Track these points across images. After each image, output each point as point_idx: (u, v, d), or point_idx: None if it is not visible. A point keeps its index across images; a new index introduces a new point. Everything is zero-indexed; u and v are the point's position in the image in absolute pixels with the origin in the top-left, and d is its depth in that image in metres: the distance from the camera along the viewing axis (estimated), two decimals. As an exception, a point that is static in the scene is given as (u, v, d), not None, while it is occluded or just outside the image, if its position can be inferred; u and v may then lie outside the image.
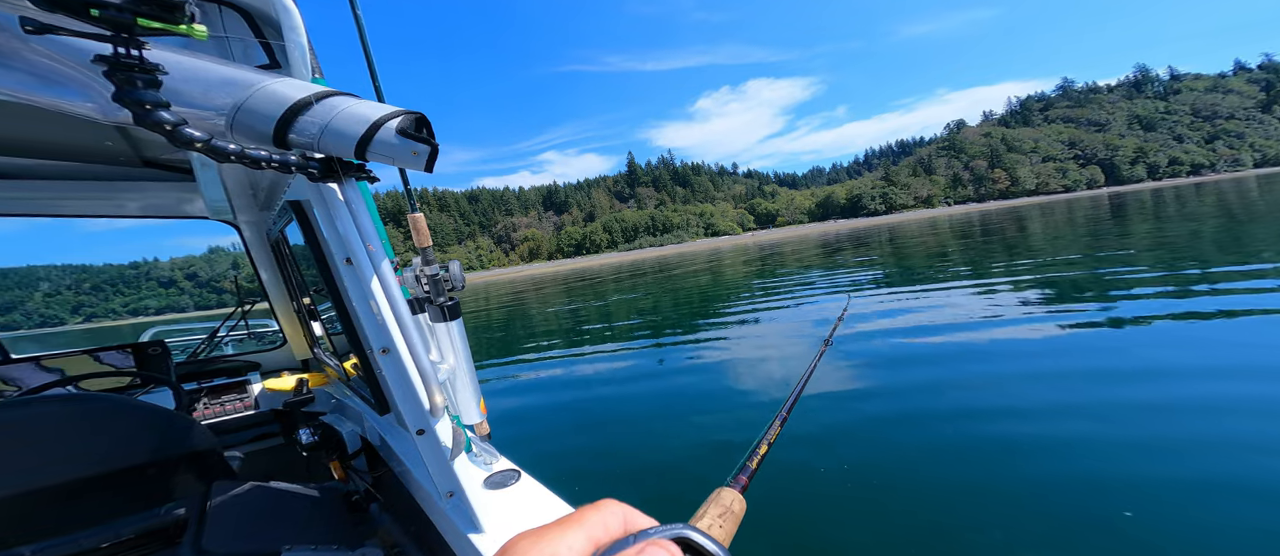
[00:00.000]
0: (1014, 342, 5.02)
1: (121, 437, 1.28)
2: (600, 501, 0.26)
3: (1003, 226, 27.43)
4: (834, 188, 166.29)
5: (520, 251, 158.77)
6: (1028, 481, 2.62)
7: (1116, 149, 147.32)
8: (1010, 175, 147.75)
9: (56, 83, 0.61)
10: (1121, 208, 31.21)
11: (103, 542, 1.26)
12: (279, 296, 2.45)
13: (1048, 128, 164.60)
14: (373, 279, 0.87)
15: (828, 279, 13.24)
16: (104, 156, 1.72)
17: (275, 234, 1.86)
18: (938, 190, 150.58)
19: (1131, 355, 4.20)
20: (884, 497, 2.64)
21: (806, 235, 75.94)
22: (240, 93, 0.67)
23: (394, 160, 0.70)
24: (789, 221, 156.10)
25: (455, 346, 0.95)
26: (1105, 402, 3.38)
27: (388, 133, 0.68)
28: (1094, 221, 21.85)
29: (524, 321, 13.84)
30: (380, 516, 1.51)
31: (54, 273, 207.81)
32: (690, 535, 0.25)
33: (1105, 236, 14.81)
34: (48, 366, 2.02)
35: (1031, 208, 64.26)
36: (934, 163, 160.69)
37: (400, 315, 0.85)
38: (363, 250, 0.85)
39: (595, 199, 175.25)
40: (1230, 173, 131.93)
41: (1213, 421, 2.97)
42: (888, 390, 4.11)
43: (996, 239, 19.25)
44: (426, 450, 0.95)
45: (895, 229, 48.35)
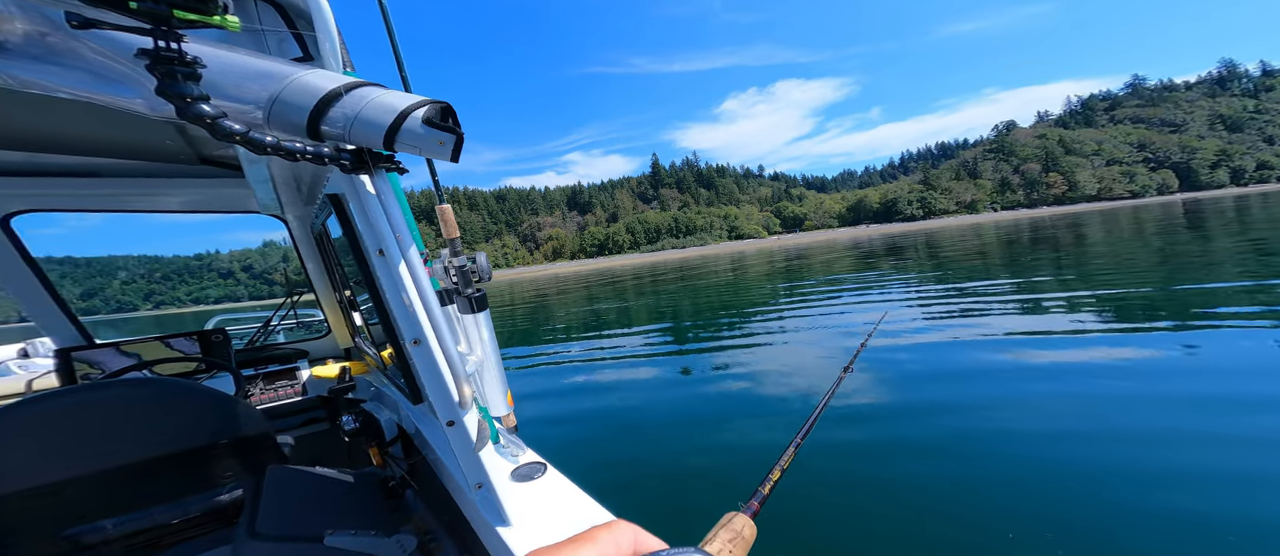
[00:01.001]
0: (1085, 365, 4.47)
1: (189, 420, 1.37)
2: (612, 521, 0.26)
3: (1057, 234, 25.46)
4: (866, 191, 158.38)
5: (544, 250, 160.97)
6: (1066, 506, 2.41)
7: (1194, 151, 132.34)
8: (1067, 179, 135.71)
9: (110, 80, 0.65)
10: (1198, 214, 28.52)
11: (172, 519, 1.37)
12: (323, 287, 2.56)
13: (1114, 129, 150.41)
14: (403, 270, 0.89)
15: (859, 286, 12.45)
16: (166, 155, 1.88)
17: (318, 227, 1.95)
18: (983, 194, 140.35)
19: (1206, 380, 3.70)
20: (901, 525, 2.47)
21: (835, 240, 73.15)
22: (275, 85, 0.70)
23: (421, 150, 0.72)
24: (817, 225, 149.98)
25: (483, 338, 0.96)
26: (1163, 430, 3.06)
27: (414, 122, 0.69)
28: (1166, 230, 19.71)
29: (547, 319, 13.86)
30: (414, 503, 1.55)
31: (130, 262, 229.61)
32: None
33: (1178, 246, 13.19)
34: (127, 351, 2.18)
35: (1091, 214, 59.40)
36: (980, 166, 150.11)
37: (429, 306, 0.86)
38: (393, 242, 0.87)
39: (619, 200, 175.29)
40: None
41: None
42: (914, 410, 3.84)
43: (1045, 248, 17.50)
44: (456, 441, 0.97)
45: (933, 234, 45.90)
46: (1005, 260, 14.73)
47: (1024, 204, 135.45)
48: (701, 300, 13.96)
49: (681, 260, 62.56)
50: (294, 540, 1.16)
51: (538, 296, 23.66)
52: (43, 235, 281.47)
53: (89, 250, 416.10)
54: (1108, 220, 35.48)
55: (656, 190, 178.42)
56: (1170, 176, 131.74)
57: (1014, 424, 3.33)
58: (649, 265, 55.35)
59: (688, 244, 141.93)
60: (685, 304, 13.53)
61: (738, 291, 15.21)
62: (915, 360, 5.16)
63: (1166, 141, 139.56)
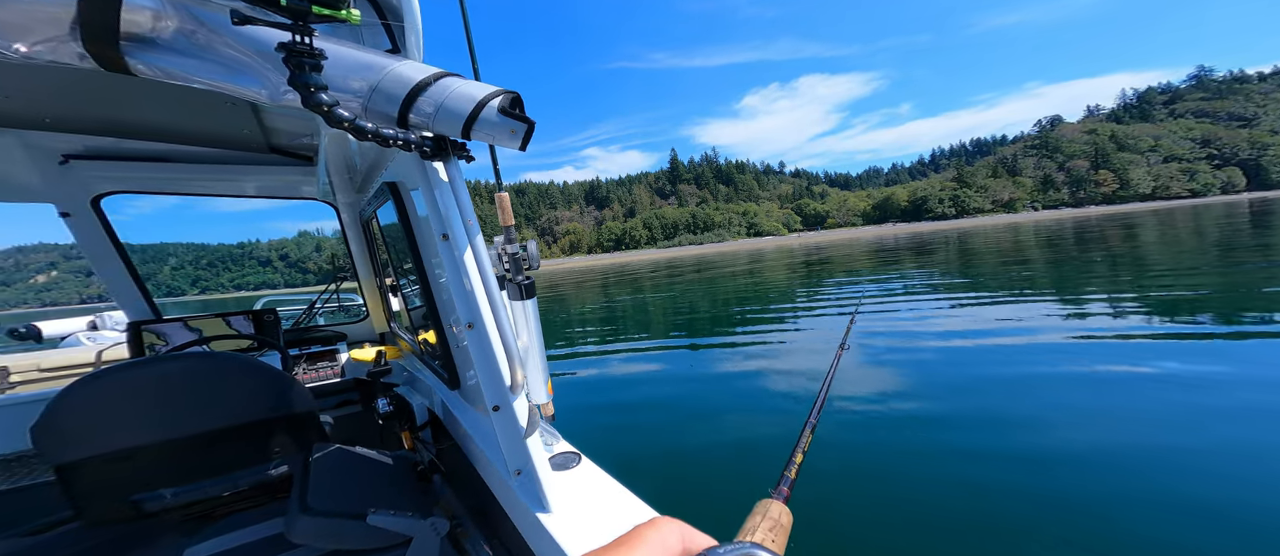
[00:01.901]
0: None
1: (246, 395, 1.41)
2: (656, 519, 0.25)
3: (1105, 235, 23.89)
4: (894, 189, 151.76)
5: (562, 244, 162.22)
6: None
7: (1266, 147, 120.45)
8: (1119, 177, 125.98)
9: (240, 72, 0.70)
10: (1267, 215, 26.21)
11: (225, 491, 1.40)
12: (366, 272, 2.65)
13: (1174, 123, 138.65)
14: (468, 254, 0.91)
15: (880, 283, 12.50)
16: (240, 143, 1.97)
17: (368, 213, 2.00)
18: (1022, 193, 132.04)
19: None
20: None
21: (858, 238, 70.53)
22: (374, 75, 0.74)
23: (494, 138, 0.74)
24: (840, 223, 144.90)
25: (530, 325, 0.97)
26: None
27: (491, 111, 0.71)
28: (1231, 231, 17.96)
29: (567, 311, 13.73)
30: (442, 487, 1.58)
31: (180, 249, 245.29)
32: (759, 554, 0.24)
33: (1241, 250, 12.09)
34: (191, 326, 2.28)
35: (1144, 214, 54.77)
36: (1020, 163, 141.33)
37: (491, 290, 0.88)
38: (461, 226, 0.89)
39: (636, 195, 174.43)
40: None
41: None
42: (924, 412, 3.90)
43: (1098, 250, 16.20)
44: (501, 426, 0.99)
45: (967, 234, 43.92)
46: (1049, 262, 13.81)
47: (1068, 203, 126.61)
48: (720, 296, 13.78)
49: (699, 256, 61.75)
50: (341, 517, 1.19)
51: (555, 289, 23.65)
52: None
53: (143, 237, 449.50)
54: (1163, 220, 33.17)
55: (675, 186, 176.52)
56: (1237, 174, 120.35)
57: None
58: (666, 260, 54.87)
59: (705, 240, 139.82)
60: (704, 299, 13.32)
61: (757, 288, 14.94)
62: (940, 358, 5.15)
63: (1234, 137, 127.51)
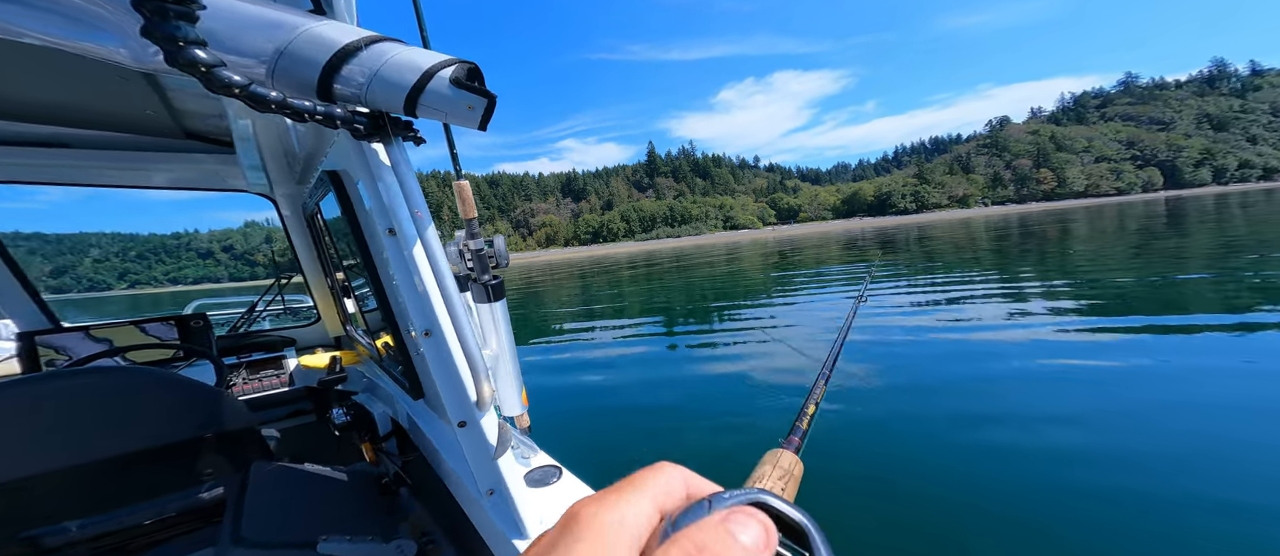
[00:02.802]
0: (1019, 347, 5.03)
1: (166, 413, 1.28)
2: (657, 464, 0.24)
3: (1041, 228, 26.21)
4: (861, 184, 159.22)
5: (537, 237, 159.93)
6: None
7: (1180, 149, 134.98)
8: (1057, 175, 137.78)
9: (90, 24, 0.55)
10: (1180, 213, 28.81)
11: (146, 519, 1.26)
12: (313, 271, 2.41)
13: (1104, 126, 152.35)
14: (418, 251, 0.80)
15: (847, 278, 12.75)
16: (146, 127, 1.70)
17: (311, 207, 1.84)
18: (975, 189, 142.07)
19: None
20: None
21: (829, 231, 73.88)
22: (283, 36, 0.60)
23: (446, 115, 0.62)
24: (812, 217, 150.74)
25: (499, 330, 0.88)
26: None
27: (440, 83, 0.60)
28: (1146, 226, 20.42)
29: (544, 307, 13.30)
30: (409, 502, 1.47)
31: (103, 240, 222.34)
32: (769, 501, 0.22)
33: (1154, 243, 13.71)
34: (97, 336, 2.01)
35: (1078, 210, 60.89)
36: (973, 161, 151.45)
37: (448, 293, 0.77)
38: (409, 219, 0.77)
39: (613, 187, 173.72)
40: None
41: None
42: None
43: (1031, 240, 18.54)
44: (468, 444, 0.90)
45: (926, 228, 46.78)
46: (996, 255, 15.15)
47: (1014, 199, 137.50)
48: (702, 289, 13.63)
49: (677, 249, 61.36)
50: (283, 546, 1.08)
51: (531, 283, 22.94)
52: (8, 210, 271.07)
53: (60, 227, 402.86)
54: (1093, 216, 36.60)
55: (652, 178, 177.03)
56: (1155, 174, 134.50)
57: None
58: (644, 253, 54.97)
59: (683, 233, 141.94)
60: (686, 293, 13.12)
61: (736, 281, 14.97)
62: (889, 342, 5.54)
63: (1154, 139, 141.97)
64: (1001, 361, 4.57)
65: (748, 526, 0.20)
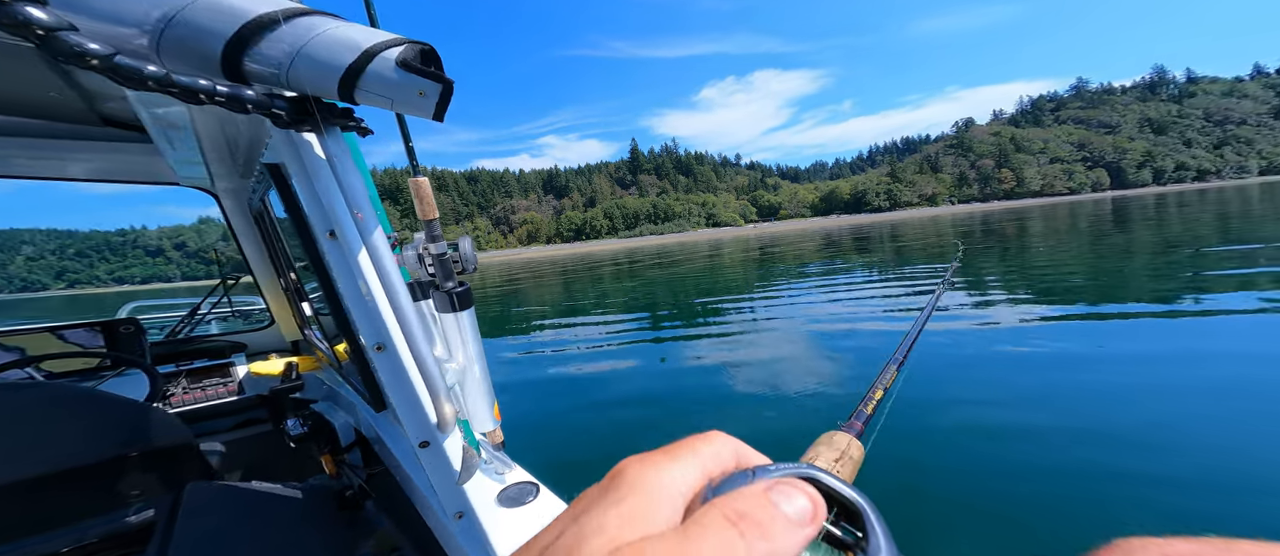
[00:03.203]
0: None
1: (82, 432, 1.19)
2: (709, 432, 0.23)
3: (1002, 226, 27.79)
4: (838, 182, 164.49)
5: (518, 234, 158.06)
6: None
7: (1125, 152, 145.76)
8: (1016, 175, 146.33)
9: None
10: (1125, 212, 30.66)
11: (63, 547, 1.17)
12: (264, 272, 2.24)
13: (1058, 128, 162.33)
14: (363, 258, 0.74)
15: (828, 275, 12.95)
16: (57, 111, 1.52)
17: (257, 203, 1.69)
18: (943, 188, 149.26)
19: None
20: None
21: (808, 229, 75.53)
22: (172, 1, 0.50)
23: (393, 102, 0.53)
24: (791, 215, 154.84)
25: (466, 341, 0.82)
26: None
27: (384, 65, 0.51)
28: (1096, 226, 21.82)
29: (525, 307, 12.79)
30: (377, 517, 1.40)
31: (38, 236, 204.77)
32: (819, 476, 0.21)
33: (1105, 241, 14.89)
34: (6, 345, 1.80)
35: (1034, 209, 64.08)
36: (941, 160, 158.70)
37: (398, 304, 0.70)
38: (350, 221, 0.68)
39: (597, 184, 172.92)
40: (1235, 180, 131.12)
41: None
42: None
43: (992, 238, 19.78)
44: (432, 466, 0.86)
45: (898, 225, 48.57)
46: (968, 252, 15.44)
47: (978, 198, 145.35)
48: (687, 288, 13.07)
49: (660, 246, 60.92)
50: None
51: (513, 280, 22.20)
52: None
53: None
54: (1047, 215, 38.06)
55: (635, 176, 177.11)
56: (1103, 175, 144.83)
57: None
58: (627, 251, 54.16)
59: (666, 230, 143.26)
60: (671, 291, 12.59)
61: (721, 277, 14.68)
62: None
63: (1102, 142, 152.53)
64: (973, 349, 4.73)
65: (793, 497, 0.19)
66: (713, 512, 0.18)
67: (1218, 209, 24.48)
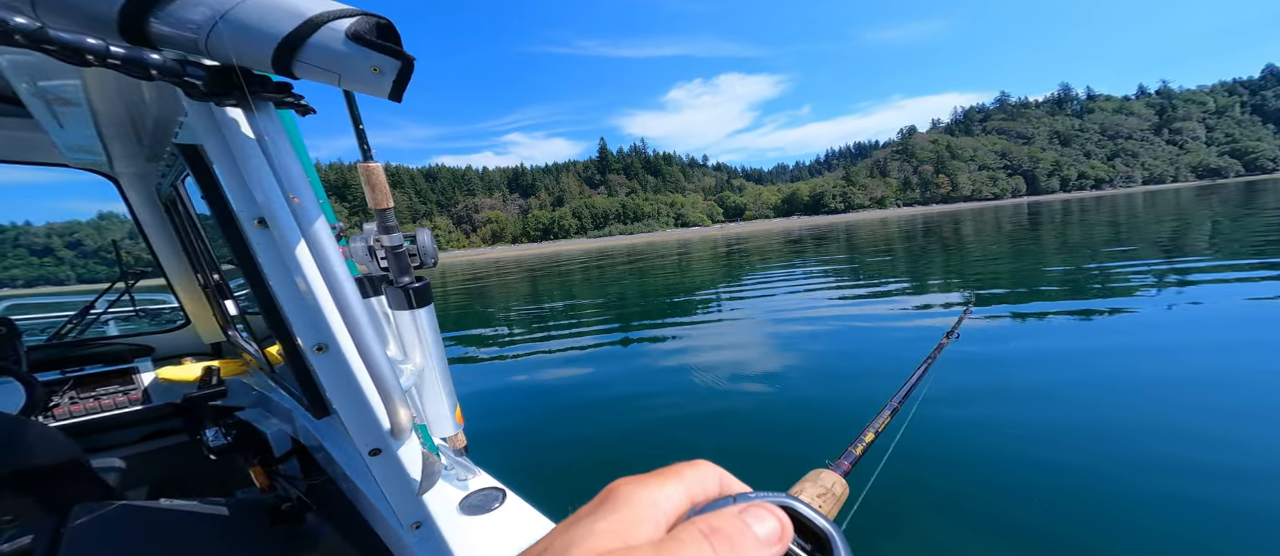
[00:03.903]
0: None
1: None
2: (696, 460, 0.25)
3: (940, 228, 30.40)
4: (798, 185, 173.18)
5: (482, 233, 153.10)
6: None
7: (1038, 161, 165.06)
8: (951, 181, 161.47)
9: None
10: (1038, 217, 34.28)
11: None
12: (177, 267, 2.05)
13: (985, 138, 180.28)
14: (300, 249, 0.63)
15: (789, 273, 13.65)
16: None
17: (167, 189, 1.55)
18: (890, 192, 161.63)
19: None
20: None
21: (772, 230, 78.41)
22: None
23: (341, 78, 0.48)
24: (756, 215, 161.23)
25: (424, 341, 0.76)
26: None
27: (331, 36, 0.46)
28: (1016, 227, 24.30)
29: (489, 308, 12.27)
30: (319, 528, 1.31)
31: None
32: (795, 505, 0.23)
33: (1023, 241, 16.78)
34: None
35: (966, 212, 70.17)
36: (888, 165, 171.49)
37: (344, 300, 0.62)
38: (284, 207, 0.60)
39: (564, 183, 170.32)
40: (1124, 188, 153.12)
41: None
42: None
43: (932, 238, 21.97)
44: (384, 475, 0.78)
45: (852, 226, 51.67)
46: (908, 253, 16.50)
47: (919, 201, 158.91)
48: (657, 286, 13.11)
49: (630, 246, 61.21)
50: None
51: (477, 280, 21.49)
52: None
53: None
54: (977, 218, 41.92)
55: (604, 175, 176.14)
56: (1021, 182, 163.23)
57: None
58: (597, 250, 54.25)
59: (635, 230, 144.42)
60: (641, 290, 12.54)
61: (690, 277, 14.79)
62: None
63: (1020, 151, 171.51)
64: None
65: (764, 519, 0.21)
66: (690, 528, 0.20)
67: (1110, 215, 27.14)
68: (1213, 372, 3.82)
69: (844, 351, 5.41)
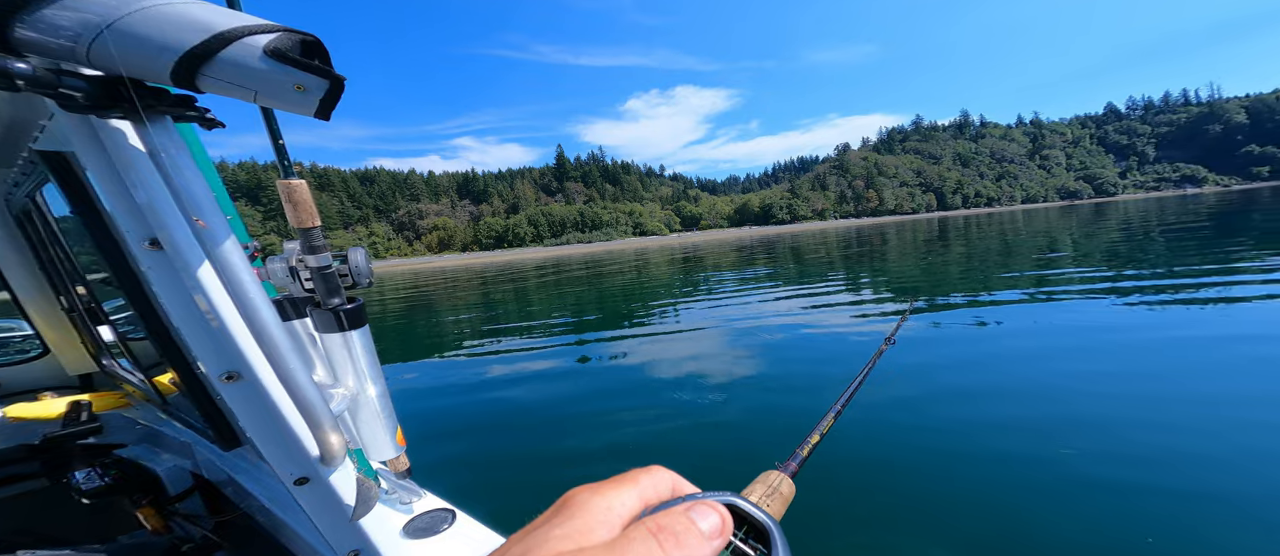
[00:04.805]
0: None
1: None
2: (650, 466, 0.27)
3: (871, 239, 33.31)
4: (749, 196, 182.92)
5: (428, 240, 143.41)
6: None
7: (945, 180, 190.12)
8: (878, 196, 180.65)
9: None
10: (945, 229, 38.55)
11: None
12: (33, 289, 1.82)
13: (904, 157, 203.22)
14: (204, 271, 0.58)
15: (741, 281, 14.14)
16: None
17: (21, 200, 1.37)
18: (829, 204, 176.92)
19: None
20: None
21: (726, 239, 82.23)
22: None
23: (258, 94, 0.44)
24: (711, 225, 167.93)
25: (358, 363, 0.70)
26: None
27: (246, 52, 0.42)
28: (930, 239, 27.43)
29: (435, 319, 11.72)
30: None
31: None
32: (739, 503, 0.26)
33: (934, 251, 19.19)
34: None
35: (891, 225, 79.04)
36: (827, 180, 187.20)
37: (260, 325, 0.56)
38: (183, 227, 0.54)
39: (519, 190, 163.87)
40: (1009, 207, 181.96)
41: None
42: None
43: (866, 248, 24.45)
44: (313, 505, 0.73)
45: (797, 236, 54.45)
46: (846, 262, 17.61)
47: (853, 214, 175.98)
48: (615, 295, 13.12)
49: (588, 254, 60.78)
50: None
51: (421, 290, 20.73)
52: None
53: None
54: (899, 230, 45.70)
55: (562, 182, 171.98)
56: (933, 198, 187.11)
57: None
58: (554, 259, 53.37)
59: (594, 238, 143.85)
60: (600, 300, 12.55)
61: (648, 286, 14.85)
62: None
63: (932, 171, 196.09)
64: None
65: (707, 515, 0.24)
66: (639, 528, 0.22)
67: (999, 229, 30.68)
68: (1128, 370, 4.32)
69: (794, 357, 5.64)
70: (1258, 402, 3.45)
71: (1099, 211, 52.26)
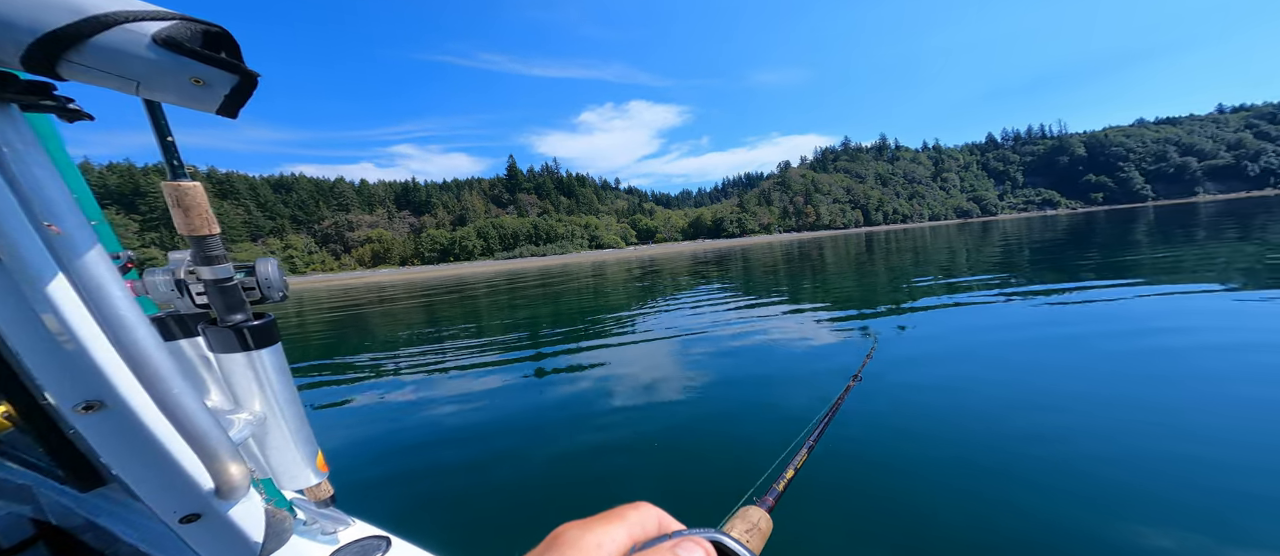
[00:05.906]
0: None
1: None
2: (638, 502, 0.28)
3: (811, 252, 35.01)
4: (702, 210, 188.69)
5: (359, 254, 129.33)
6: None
7: (869, 197, 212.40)
8: (816, 211, 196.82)
9: None
10: (872, 243, 41.26)
11: None
12: None
13: (836, 176, 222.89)
14: (57, 285, 0.48)
15: (695, 295, 14.15)
16: None
17: None
18: (774, 219, 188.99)
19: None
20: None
21: (682, 252, 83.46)
22: None
23: (140, 85, 0.39)
24: (666, 238, 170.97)
25: (268, 385, 0.64)
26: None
27: (130, 39, 0.37)
28: (860, 252, 30.00)
29: (368, 339, 11.30)
30: None
31: None
32: (724, 540, 0.27)
33: (863, 261, 20.83)
34: None
35: (826, 239, 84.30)
36: (772, 195, 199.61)
37: (132, 345, 0.50)
38: (29, 233, 0.45)
39: (467, 202, 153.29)
40: (919, 223, 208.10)
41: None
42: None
43: (807, 261, 25.47)
44: (208, 544, 0.62)
45: (747, 250, 55.47)
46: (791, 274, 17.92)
47: (795, 228, 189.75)
48: (571, 310, 12.82)
49: (543, 267, 58.00)
50: None
51: (349, 310, 19.12)
52: None
53: None
54: (835, 244, 47.65)
55: (514, 194, 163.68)
56: (860, 214, 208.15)
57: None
58: (506, 272, 51.01)
59: (548, 251, 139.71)
60: (555, 316, 12.24)
61: (605, 299, 14.69)
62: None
63: (858, 189, 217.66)
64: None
65: (692, 552, 0.25)
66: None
67: (914, 243, 33.05)
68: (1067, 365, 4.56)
69: (754, 374, 5.43)
70: (1108, 381, 4.07)
71: (986, 229, 57.94)
